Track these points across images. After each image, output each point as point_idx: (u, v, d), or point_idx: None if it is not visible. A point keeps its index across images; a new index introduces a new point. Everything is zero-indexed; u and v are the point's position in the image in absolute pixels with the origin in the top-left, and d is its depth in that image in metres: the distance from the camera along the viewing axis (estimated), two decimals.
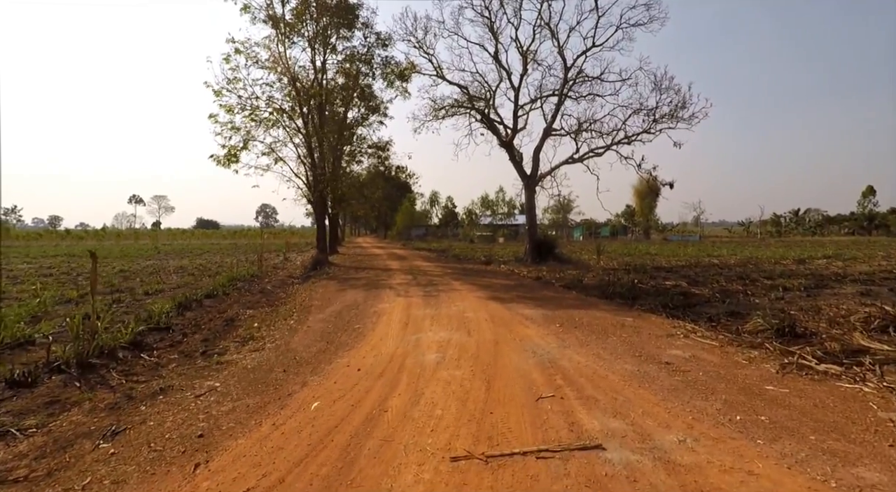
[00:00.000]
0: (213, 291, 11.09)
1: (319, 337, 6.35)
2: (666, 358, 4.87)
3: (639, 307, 8.71)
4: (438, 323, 6.95)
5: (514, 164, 20.73)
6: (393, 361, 4.94)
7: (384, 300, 9.52)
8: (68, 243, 46.34)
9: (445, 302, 9.06)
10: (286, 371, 4.79)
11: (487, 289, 11.20)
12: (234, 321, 8.13)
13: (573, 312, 7.88)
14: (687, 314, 7.83)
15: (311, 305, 9.38)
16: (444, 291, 10.66)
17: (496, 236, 57.13)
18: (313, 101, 19.35)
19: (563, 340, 5.70)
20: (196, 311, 9.18)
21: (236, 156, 18.46)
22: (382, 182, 35.66)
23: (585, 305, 8.87)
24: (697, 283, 12.39)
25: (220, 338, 6.81)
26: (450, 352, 5.17)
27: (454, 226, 70.66)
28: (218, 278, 13.74)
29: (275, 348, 5.84)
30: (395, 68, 20.08)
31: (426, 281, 12.97)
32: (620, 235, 72.14)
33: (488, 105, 20.68)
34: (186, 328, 7.57)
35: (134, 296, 10.91)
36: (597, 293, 10.64)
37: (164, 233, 77.76)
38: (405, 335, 6.17)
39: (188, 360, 5.64)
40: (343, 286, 12.19)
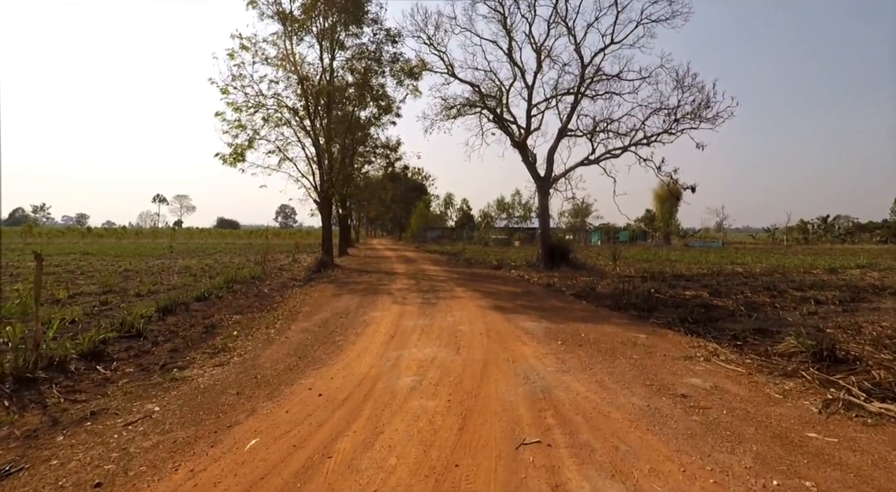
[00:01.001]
0: (204, 294, 10.63)
1: (293, 350, 5.74)
2: (683, 388, 4.10)
3: (654, 321, 7.89)
4: (427, 336, 6.28)
5: (528, 165, 19.96)
6: (362, 384, 4.28)
7: (377, 308, 8.88)
8: (88, 241, 47.04)
9: (442, 311, 8.38)
10: (239, 394, 4.18)
11: (491, 297, 10.47)
12: (215, 328, 7.59)
13: (580, 326, 7.12)
14: (708, 331, 7.01)
15: (301, 311, 8.80)
16: (444, 299, 9.97)
17: (512, 240, 56.22)
18: (321, 100, 18.90)
19: (564, 361, 4.96)
20: (180, 315, 8.68)
21: (242, 154, 18.11)
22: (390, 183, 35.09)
23: (595, 317, 8.09)
24: (720, 293, 11.46)
25: (192, 348, 6.26)
26: (429, 375, 4.49)
27: (469, 228, 69.93)
28: (215, 280, 13.32)
29: (241, 363, 5.25)
30: (405, 66, 19.51)
31: (428, 287, 12.30)
32: (640, 241, 70.47)
33: (501, 104, 19.96)
34: (161, 336, 7.05)
35: (124, 297, 10.50)
36: (609, 303, 9.83)
37: (183, 232, 78.81)
38: (386, 351, 5.51)
39: (144, 374, 5.08)
40: (340, 291, 11.61)
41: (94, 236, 58.07)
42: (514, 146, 20.30)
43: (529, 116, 19.62)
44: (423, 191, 69.63)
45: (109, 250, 30.40)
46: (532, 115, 19.84)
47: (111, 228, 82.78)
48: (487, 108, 19.94)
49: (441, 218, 75.17)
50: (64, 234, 60.98)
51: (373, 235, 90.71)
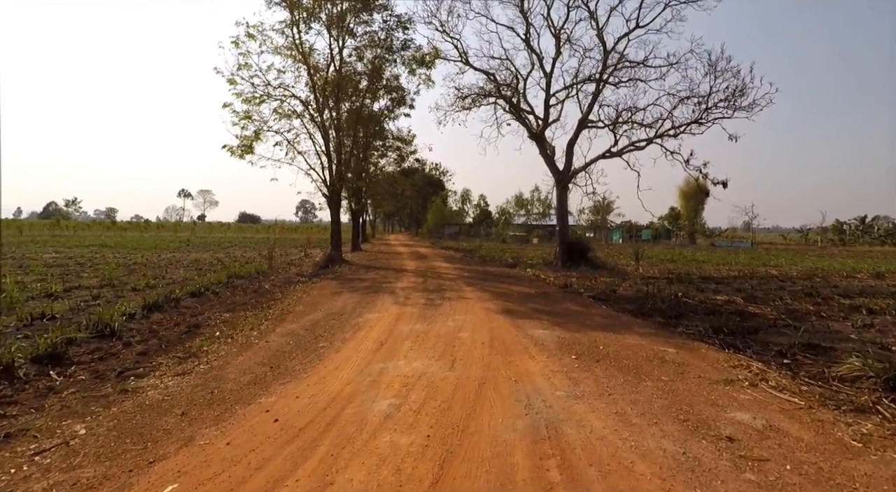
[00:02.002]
0: (200, 290, 10.10)
1: (268, 358, 5.05)
2: (727, 427, 3.25)
3: (683, 331, 6.98)
4: (422, 345, 5.52)
5: (545, 158, 18.99)
6: (330, 407, 3.55)
7: (375, 308, 8.16)
8: (111, 234, 47.74)
9: (444, 314, 7.61)
10: (185, 415, 3.50)
11: (501, 298, 9.66)
12: (198, 328, 6.99)
13: (598, 335, 6.26)
14: (748, 344, 6.08)
15: (293, 311, 8.15)
16: (449, 300, 9.20)
17: (530, 237, 55.06)
18: (328, 91, 18.27)
19: (577, 383, 4.14)
20: (167, 312, 8.13)
21: (251, 147, 17.61)
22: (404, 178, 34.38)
23: (615, 324, 7.21)
24: (755, 299, 10.41)
25: (163, 351, 5.64)
26: (412, 397, 3.73)
27: (487, 225, 68.91)
28: (217, 275, 12.83)
29: (204, 372, 4.58)
30: (417, 54, 18.72)
31: (435, 286, 11.54)
32: (663, 239, 68.42)
33: (517, 93, 19.02)
34: (138, 335, 6.47)
35: (120, 292, 10.04)
36: (631, 308, 8.92)
37: (204, 226, 79.83)
38: (370, 363, 4.77)
39: (96, 383, 4.46)
40: (341, 288, 10.94)
41: (118, 230, 59.08)
42: (531, 138, 19.34)
43: (548, 106, 18.64)
44: (441, 186, 68.90)
45: (128, 243, 30.55)
46: (550, 104, 18.84)
47: (135, 222, 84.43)
48: (503, 97, 19.03)
49: (458, 214, 74.30)
50: (90, 227, 62.27)
51: (389, 231, 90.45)
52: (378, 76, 20.22)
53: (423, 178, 65.66)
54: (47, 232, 46.41)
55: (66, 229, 52.03)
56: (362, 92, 20.43)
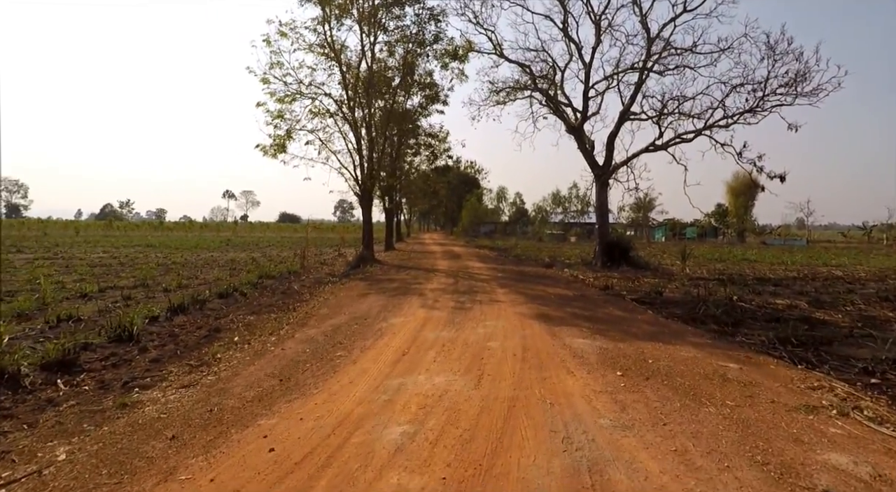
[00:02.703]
0: (228, 291, 9.97)
1: (280, 369, 4.67)
2: (822, 476, 2.56)
3: (743, 341, 6.18)
4: (447, 356, 5.00)
5: (584, 153, 18.10)
6: (335, 434, 3.09)
7: (402, 312, 7.72)
8: (158, 234, 49.73)
9: (474, 320, 7.06)
10: (175, 438, 3.12)
11: (536, 301, 9.02)
12: (218, 332, 6.75)
13: (645, 346, 5.57)
14: (823, 358, 5.25)
15: (317, 313, 7.82)
16: (480, 303, 8.65)
17: (567, 235, 53.67)
18: (360, 89, 18.03)
19: (625, 407, 3.52)
20: (192, 314, 7.97)
21: (283, 146, 17.59)
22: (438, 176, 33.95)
23: (664, 333, 6.47)
24: (822, 304, 9.35)
25: (177, 358, 5.39)
26: (430, 423, 3.22)
27: (523, 223, 67.70)
28: (248, 275, 12.78)
29: (209, 386, 4.23)
30: (450, 47, 18.19)
31: (466, 287, 11.01)
32: (710, 238, 65.25)
33: (554, 85, 18.20)
34: (156, 340, 6.28)
35: (152, 292, 10.06)
36: (680, 314, 8.11)
37: (246, 226, 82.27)
38: (388, 377, 4.30)
39: (99, 394, 4.20)
40: (369, 290, 10.58)
41: (165, 230, 61.55)
42: (569, 132, 18.50)
43: (587, 98, 17.73)
44: (476, 184, 68.19)
45: (172, 243, 31.54)
46: (589, 96, 17.93)
47: (181, 222, 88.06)
48: (540, 90, 18.25)
49: (494, 212, 73.38)
50: (139, 227, 65.17)
51: (424, 230, 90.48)
52: (410, 72, 19.85)
53: (457, 176, 65.19)
54: (101, 232, 48.82)
55: (118, 230, 54.60)
56: (394, 89, 20.12)
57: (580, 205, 59.81)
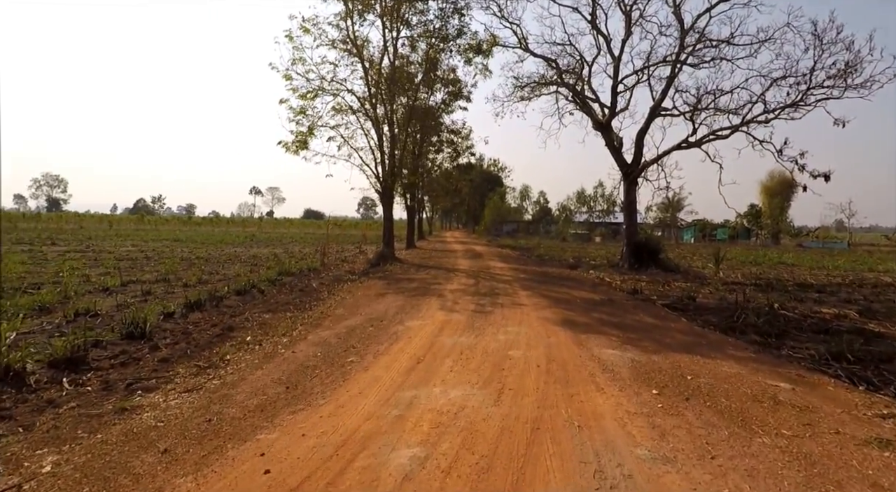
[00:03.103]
0: (245, 287, 9.85)
1: (288, 375, 4.41)
2: None
3: (790, 354, 5.66)
4: (464, 365, 4.67)
5: (612, 150, 17.48)
6: (337, 456, 2.79)
7: (419, 314, 7.42)
8: (186, 229, 50.88)
9: (495, 325, 6.70)
10: (166, 453, 2.88)
11: (561, 305, 8.60)
12: (232, 331, 6.57)
13: (682, 359, 5.12)
14: (885, 378, 4.71)
15: (332, 313, 7.59)
16: (501, 306, 8.28)
17: (592, 235, 52.61)
18: (383, 84, 17.82)
19: (664, 434, 3.13)
20: (208, 311, 7.85)
21: (305, 142, 17.53)
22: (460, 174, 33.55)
23: (701, 344, 5.99)
24: (874, 313, 8.65)
25: (186, 358, 5.21)
26: (444, 446, 2.89)
27: (547, 222, 66.76)
28: (268, 271, 12.71)
29: (213, 391, 4.01)
30: (473, 41, 17.78)
31: (487, 288, 10.64)
32: (742, 239, 63.08)
33: (581, 80, 17.61)
34: (169, 338, 6.14)
35: (172, 287, 10.03)
36: (716, 322, 7.58)
37: (271, 221, 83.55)
38: (400, 388, 3.99)
39: (101, 396, 4.02)
40: (388, 289, 10.33)
41: (193, 225, 62.98)
42: (596, 129, 17.89)
43: (615, 93, 17.09)
44: (499, 182, 67.57)
45: (199, 238, 32.08)
46: (618, 91, 17.29)
47: (209, 218, 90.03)
48: (566, 85, 17.70)
49: (517, 211, 72.59)
50: (169, 222, 66.88)
51: (447, 228, 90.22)
52: (433, 68, 19.55)
53: (480, 174, 64.72)
54: (132, 226, 50.25)
55: (149, 224, 56.11)
56: (417, 85, 19.85)
57: (606, 204, 58.60)
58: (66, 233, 32.75)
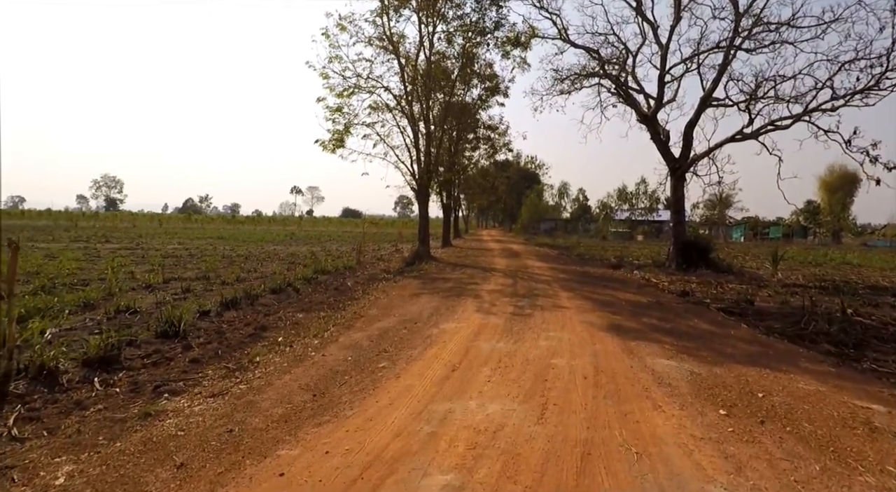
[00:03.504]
0: (281, 286, 9.81)
1: (316, 380, 4.19)
2: None
3: (874, 368, 4.98)
4: (503, 375, 4.31)
5: (658, 144, 16.58)
6: (363, 480, 2.49)
7: (455, 317, 7.09)
8: (230, 227, 52.57)
9: (535, 329, 6.29)
10: (182, 468, 2.67)
11: (606, 308, 8.07)
12: (265, 331, 6.46)
13: (749, 373, 4.57)
14: None
15: (366, 314, 7.38)
16: (541, 309, 7.85)
17: (634, 233, 50.85)
18: (419, 80, 17.59)
19: (741, 466, 2.66)
20: (243, 310, 7.80)
21: (341, 140, 17.55)
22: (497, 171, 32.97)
23: (768, 355, 5.39)
24: None
25: (217, 359, 5.09)
26: (481, 472, 2.55)
27: (586, 221, 65.11)
28: (305, 270, 12.72)
29: (239, 396, 3.82)
30: (511, 34, 17.27)
31: (526, 289, 10.20)
32: (798, 238, 59.51)
33: (625, 71, 16.79)
34: (202, 337, 6.07)
35: (210, 285, 10.13)
36: (780, 328, 6.89)
37: (310, 220, 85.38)
38: (434, 400, 3.67)
39: (128, 398, 3.91)
40: (422, 290, 10.06)
41: (236, 223, 65.08)
42: (640, 122, 17.03)
43: (662, 83, 16.19)
44: (536, 180, 66.46)
45: (240, 236, 32.95)
46: (665, 82, 16.37)
47: (251, 217, 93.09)
48: (609, 76, 16.91)
49: (555, 209, 71.21)
50: (214, 221, 69.40)
51: (483, 226, 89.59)
52: (470, 62, 19.19)
53: (517, 171, 63.85)
54: (180, 225, 52.40)
55: (195, 222, 58.40)
56: (453, 81, 19.54)
57: (648, 201, 56.53)
58: (119, 231, 34.37)
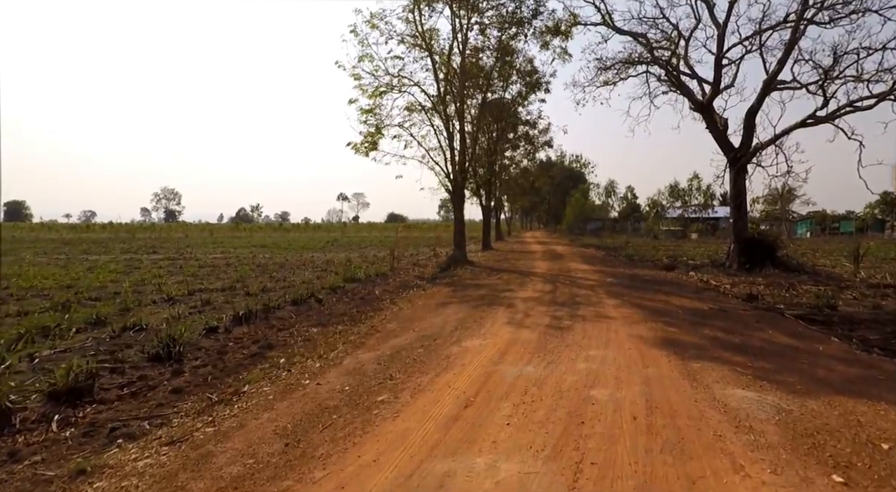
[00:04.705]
0: (302, 297, 9.27)
1: (297, 422, 3.43)
2: None
3: None
4: (527, 414, 3.39)
5: (715, 133, 15.02)
6: None
7: (481, 331, 6.20)
8: (277, 235, 53.74)
9: (573, 346, 5.31)
10: None
11: (659, 318, 6.93)
12: (270, 350, 5.86)
13: (857, 407, 3.44)
14: None
15: (382, 329, 6.63)
16: (583, 319, 6.82)
17: (687, 231, 47.83)
18: (453, 76, 16.83)
19: None
20: (255, 324, 7.27)
21: (375, 143, 17.04)
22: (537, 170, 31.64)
23: (877, 379, 4.18)
24: None
25: (199, 388, 4.47)
26: None
27: (635, 219, 62.17)
28: (334, 278, 12.21)
29: (199, 445, 3.12)
30: (551, 22, 16.17)
31: (566, 296, 9.14)
32: (874, 232, 54.29)
33: (676, 55, 15.32)
34: (200, 358, 5.52)
35: (233, 296, 9.75)
36: (879, 339, 5.60)
37: (354, 226, 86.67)
38: (432, 455, 2.82)
39: (80, 443, 3.33)
40: (451, 298, 9.23)
41: (283, 231, 66.73)
42: (694, 110, 15.53)
43: (719, 67, 14.62)
44: (581, 179, 64.22)
45: (283, 243, 33.34)
46: (723, 65, 14.79)
47: (298, 224, 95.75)
48: (658, 62, 15.50)
49: (602, 208, 68.56)
50: (262, 229, 71.58)
51: (527, 228, 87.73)
52: (507, 55, 18.21)
53: (561, 171, 61.99)
54: (229, 234, 54.16)
55: (244, 231, 60.25)
56: (489, 76, 18.62)
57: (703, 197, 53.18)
58: (171, 242, 35.66)
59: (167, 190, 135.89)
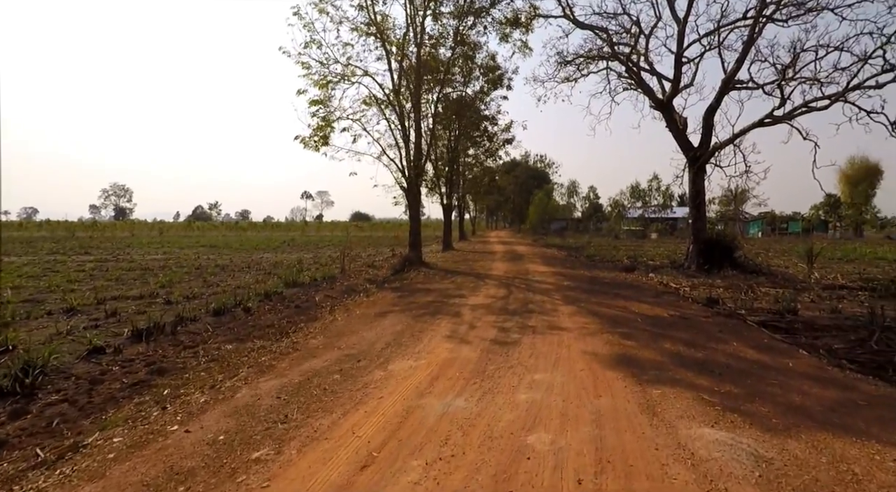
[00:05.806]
0: (226, 306, 8.18)
1: None
2: None
3: None
4: (443, 477, 2.57)
5: (674, 132, 14.73)
6: None
7: (416, 348, 5.36)
8: (232, 234, 51.33)
9: (517, 367, 4.54)
10: None
11: (617, 329, 6.28)
12: (160, 375, 4.84)
13: (846, 449, 2.79)
14: None
15: (303, 346, 5.68)
16: (532, 332, 6.08)
17: (647, 232, 48.59)
18: (408, 68, 15.93)
19: None
20: (157, 342, 6.16)
21: (326, 137, 15.88)
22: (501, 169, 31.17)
23: (858, 404, 3.59)
24: None
25: (37, 437, 3.45)
26: None
27: (597, 219, 62.91)
28: (273, 282, 11.12)
29: None
30: (510, 13, 15.48)
31: (519, 303, 8.42)
32: (819, 232, 56.79)
33: (636, 51, 14.94)
34: (61, 391, 4.41)
35: (151, 305, 8.55)
36: (845, 349, 5.09)
37: (314, 225, 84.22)
38: None
39: None
40: (394, 306, 8.36)
41: (239, 230, 63.94)
42: (654, 108, 15.20)
43: (679, 64, 14.32)
44: (545, 179, 64.45)
45: (235, 243, 31.55)
46: (683, 63, 14.50)
47: (255, 223, 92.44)
48: (618, 58, 15.09)
49: (565, 208, 69.06)
50: (217, 228, 68.36)
51: (492, 227, 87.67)
52: (466, 45, 17.42)
53: (526, 171, 62.04)
54: (181, 233, 51.30)
55: (196, 230, 57.38)
56: (448, 68, 17.78)
57: (662, 198, 54.22)
58: (112, 241, 33.19)
59: (117, 186, 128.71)
